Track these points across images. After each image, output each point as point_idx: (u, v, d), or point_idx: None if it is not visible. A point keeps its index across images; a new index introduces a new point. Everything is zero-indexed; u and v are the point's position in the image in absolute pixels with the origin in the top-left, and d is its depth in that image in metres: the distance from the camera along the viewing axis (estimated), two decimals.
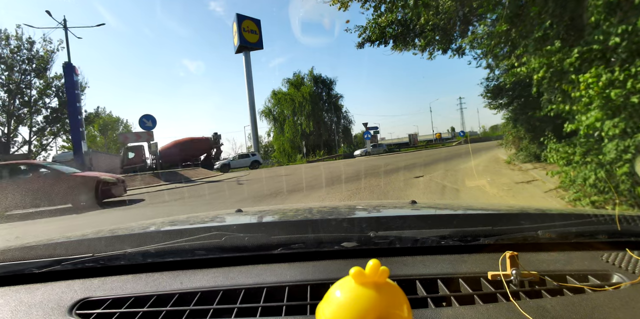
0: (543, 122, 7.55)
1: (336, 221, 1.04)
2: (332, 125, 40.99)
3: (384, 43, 9.51)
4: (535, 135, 8.03)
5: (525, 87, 7.73)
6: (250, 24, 37.28)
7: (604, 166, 3.66)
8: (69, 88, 16.26)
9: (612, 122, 3.36)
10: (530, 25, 4.97)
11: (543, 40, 4.69)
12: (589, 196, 4.08)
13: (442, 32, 9.05)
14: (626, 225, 0.81)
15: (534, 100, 7.67)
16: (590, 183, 3.83)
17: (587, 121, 3.49)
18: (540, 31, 4.51)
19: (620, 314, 0.55)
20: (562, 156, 4.29)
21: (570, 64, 3.79)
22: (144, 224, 1.25)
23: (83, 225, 6.07)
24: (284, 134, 39.04)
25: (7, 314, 0.66)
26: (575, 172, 4.31)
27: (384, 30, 9.01)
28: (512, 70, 5.62)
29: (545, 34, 4.60)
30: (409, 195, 5.91)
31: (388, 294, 0.41)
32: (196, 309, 0.64)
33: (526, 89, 7.74)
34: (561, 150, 4.56)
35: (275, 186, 9.74)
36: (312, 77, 40.07)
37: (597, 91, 3.37)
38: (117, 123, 50.33)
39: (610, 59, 3.69)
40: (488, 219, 1.03)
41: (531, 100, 7.72)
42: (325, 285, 0.67)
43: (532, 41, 4.74)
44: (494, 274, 0.66)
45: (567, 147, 4.30)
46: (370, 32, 9.10)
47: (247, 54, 37.47)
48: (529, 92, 7.83)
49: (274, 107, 40.77)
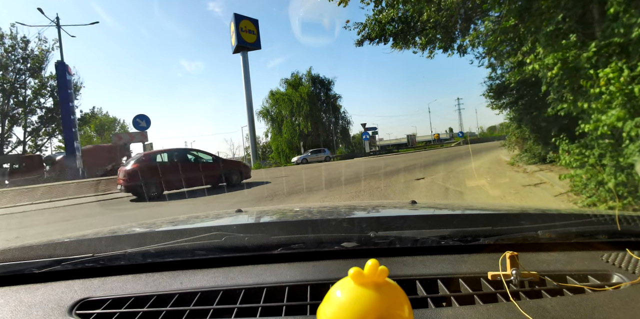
0: (549, 123, 7.30)
1: (336, 221, 1.05)
2: (330, 126, 40.67)
3: (383, 41, 9.24)
4: (540, 136, 7.78)
5: (531, 86, 7.48)
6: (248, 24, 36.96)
7: (624, 169, 3.39)
8: (62, 87, 15.95)
9: (634, 121, 3.09)
10: (540, 20, 4.70)
11: (554, 36, 4.43)
12: (605, 201, 3.82)
13: (443, 29, 8.79)
14: (626, 225, 0.80)
15: (539, 99, 7.41)
16: (609, 188, 3.56)
17: (608, 120, 3.22)
18: (552, 25, 4.25)
19: (620, 314, 0.55)
20: (576, 158, 4.02)
21: (587, 58, 3.53)
22: (144, 224, 1.25)
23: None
24: (281, 134, 38.69)
25: (7, 314, 0.66)
26: (588, 175, 4.05)
27: (384, 28, 8.74)
28: (523, 68, 5.34)
29: (557, 28, 4.34)
30: (410, 198, 5.62)
31: (389, 294, 0.41)
32: (196, 309, 0.63)
33: (532, 88, 7.49)
34: (574, 151, 4.29)
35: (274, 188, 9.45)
36: (310, 78, 39.75)
37: (619, 87, 3.10)
38: (114, 123, 49.94)
39: (631, 54, 3.42)
40: (488, 219, 1.02)
41: (536, 99, 7.47)
42: (325, 285, 0.67)
43: (542, 36, 4.48)
44: (494, 274, 0.66)
45: (581, 148, 4.03)
46: (369, 30, 8.83)
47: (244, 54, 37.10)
48: (535, 91, 7.58)
49: (271, 107, 40.39)
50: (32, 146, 33.20)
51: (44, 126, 32.73)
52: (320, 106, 39.86)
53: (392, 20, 8.56)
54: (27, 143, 32.56)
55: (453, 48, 10.46)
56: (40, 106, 31.98)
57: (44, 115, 32.13)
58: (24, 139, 31.98)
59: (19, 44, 29.10)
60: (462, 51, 10.51)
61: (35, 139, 33.30)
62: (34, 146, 33.30)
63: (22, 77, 30.25)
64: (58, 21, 17.34)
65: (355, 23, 8.84)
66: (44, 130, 33.12)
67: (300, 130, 37.92)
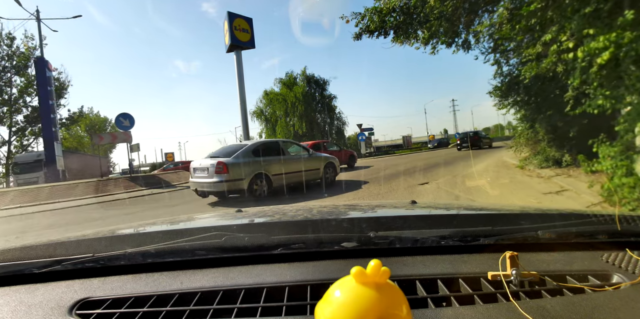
0: (566, 123, 6.62)
1: (336, 221, 1.04)
2: (326, 126, 39.83)
3: (383, 34, 8.52)
4: (556, 137, 7.10)
5: (547, 82, 6.79)
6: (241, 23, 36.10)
7: None
8: (41, 84, 15.05)
9: None
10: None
11: (592, 18, 3.74)
12: None
13: (447, 22, 8.10)
14: (626, 225, 0.80)
15: (555, 97, 6.74)
16: None
17: None
18: (592, 5, 3.56)
19: (620, 314, 0.55)
20: (623, 163, 3.32)
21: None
22: (144, 224, 1.28)
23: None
24: (275, 135, 37.85)
25: (7, 314, 0.66)
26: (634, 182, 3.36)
27: (384, 19, 8.02)
28: (563, 56, 4.59)
29: (596, 9, 3.65)
30: None
31: (388, 294, 0.41)
32: (196, 309, 0.63)
33: (548, 84, 6.80)
34: (615, 156, 3.60)
35: None
36: (305, 77, 38.87)
37: None
38: (105, 123, 48.80)
39: None
40: (488, 219, 1.02)
41: (553, 97, 6.79)
42: (325, 285, 0.62)
43: (577, 19, 3.79)
44: (494, 275, 0.66)
45: (629, 153, 3.34)
46: (369, 21, 8.10)
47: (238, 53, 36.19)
48: (551, 87, 6.90)
49: (265, 107, 39.48)
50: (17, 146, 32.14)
51: (30, 125, 31.73)
52: (315, 106, 39.05)
53: (393, 10, 7.84)
54: (13, 143, 31.50)
55: (457, 43, 9.81)
56: (26, 105, 30.99)
57: (29, 114, 31.12)
58: (9, 139, 30.95)
59: (4, 41, 28.11)
60: (466, 47, 9.87)
61: (21, 139, 32.26)
62: (20, 146, 32.24)
63: (8, 75, 29.28)
64: (38, 14, 16.47)
65: (353, 13, 8.10)
66: (30, 130, 32.11)
67: (294, 130, 37.10)
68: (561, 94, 6.51)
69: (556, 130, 6.94)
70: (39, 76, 15.27)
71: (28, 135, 32.20)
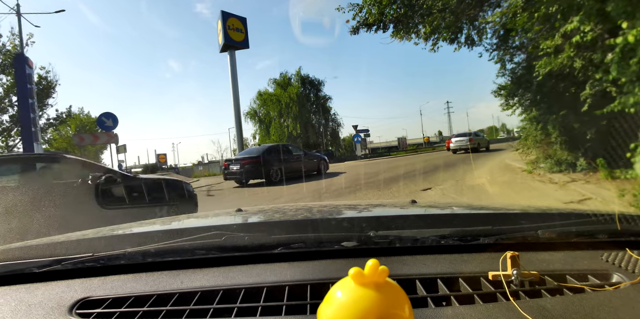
0: (583, 123, 6.08)
1: (336, 221, 1.05)
2: (320, 127, 39.21)
3: (382, 28, 7.95)
4: (570, 139, 6.56)
5: (561, 80, 6.25)
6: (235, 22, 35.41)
7: None
8: (20, 81, 14.31)
9: None
10: None
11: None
12: None
13: (452, 14, 7.55)
14: (626, 225, 0.79)
15: (570, 96, 6.20)
16: None
17: None
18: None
19: (620, 314, 0.54)
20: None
21: None
22: (144, 224, 1.26)
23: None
24: (269, 136, 37.13)
25: (7, 313, 0.65)
26: None
27: (383, 11, 7.44)
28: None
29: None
30: None
31: (389, 294, 0.40)
32: (196, 309, 0.63)
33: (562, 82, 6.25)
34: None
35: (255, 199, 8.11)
36: (299, 78, 38.21)
37: None
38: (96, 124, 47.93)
39: None
40: (488, 218, 1.01)
41: (567, 96, 6.25)
42: (325, 285, 0.67)
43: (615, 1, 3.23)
44: (494, 274, 0.64)
45: None
46: (367, 13, 7.51)
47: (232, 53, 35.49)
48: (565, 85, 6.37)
49: (259, 108, 38.77)
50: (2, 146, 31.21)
51: (16, 125, 30.82)
52: (310, 107, 38.40)
53: (394, 2, 7.26)
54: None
55: (459, 40, 9.28)
56: (12, 105, 30.11)
57: (15, 114, 30.25)
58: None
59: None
60: (470, 43, 9.34)
61: (7, 139, 31.30)
62: (5, 146, 31.31)
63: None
64: (19, 8, 15.73)
65: (350, 4, 7.51)
66: (16, 130, 31.21)
67: (289, 132, 36.43)
68: (577, 92, 5.98)
69: (571, 131, 6.39)
70: (18, 73, 14.54)
71: (14, 135, 31.33)
